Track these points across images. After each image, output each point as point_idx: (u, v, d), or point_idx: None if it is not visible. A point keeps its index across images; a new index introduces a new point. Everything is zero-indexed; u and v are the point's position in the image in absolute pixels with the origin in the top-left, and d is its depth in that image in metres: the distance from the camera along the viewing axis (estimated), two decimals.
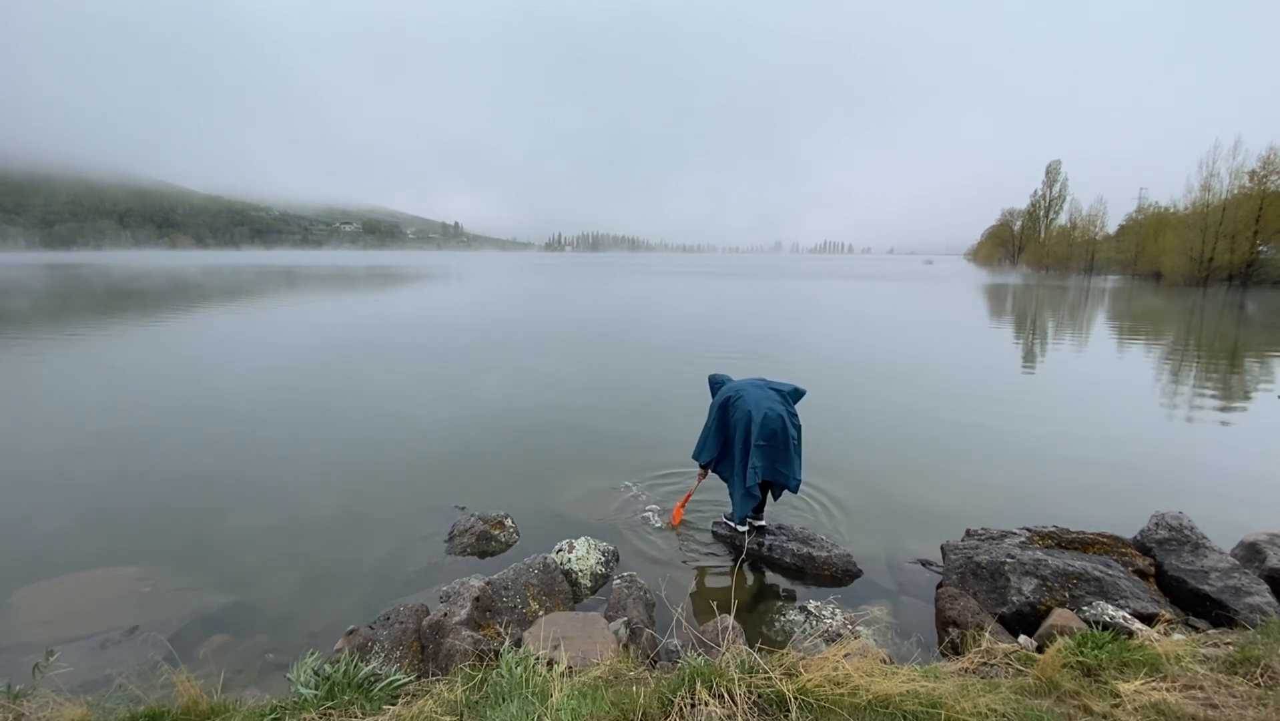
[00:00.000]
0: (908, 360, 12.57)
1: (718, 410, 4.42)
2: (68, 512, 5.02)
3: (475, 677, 2.31)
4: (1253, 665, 2.32)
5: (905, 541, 4.52)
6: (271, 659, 3.24)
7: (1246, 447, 6.83)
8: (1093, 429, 7.48)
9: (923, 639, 3.32)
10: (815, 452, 5.98)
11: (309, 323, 18.79)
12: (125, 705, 2.36)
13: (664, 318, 20.69)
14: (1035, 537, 3.85)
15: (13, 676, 2.47)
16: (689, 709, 2.01)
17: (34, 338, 14.52)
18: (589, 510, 5.04)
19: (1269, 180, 38.66)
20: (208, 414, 7.96)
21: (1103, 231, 61.02)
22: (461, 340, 14.90)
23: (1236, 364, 12.28)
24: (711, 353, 12.96)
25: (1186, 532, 3.77)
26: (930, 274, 65.19)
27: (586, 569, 3.93)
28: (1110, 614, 3.06)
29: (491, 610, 3.33)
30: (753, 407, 4.15)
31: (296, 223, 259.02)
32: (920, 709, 1.98)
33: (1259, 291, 36.01)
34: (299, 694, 2.29)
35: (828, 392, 8.88)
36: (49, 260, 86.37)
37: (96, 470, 6.00)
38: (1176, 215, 46.33)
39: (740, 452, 4.21)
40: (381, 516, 4.98)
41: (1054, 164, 67.25)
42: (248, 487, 5.60)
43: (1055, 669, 2.30)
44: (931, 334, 17.33)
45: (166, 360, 12.01)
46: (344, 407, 8.35)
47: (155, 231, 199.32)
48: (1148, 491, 5.41)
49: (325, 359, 12.12)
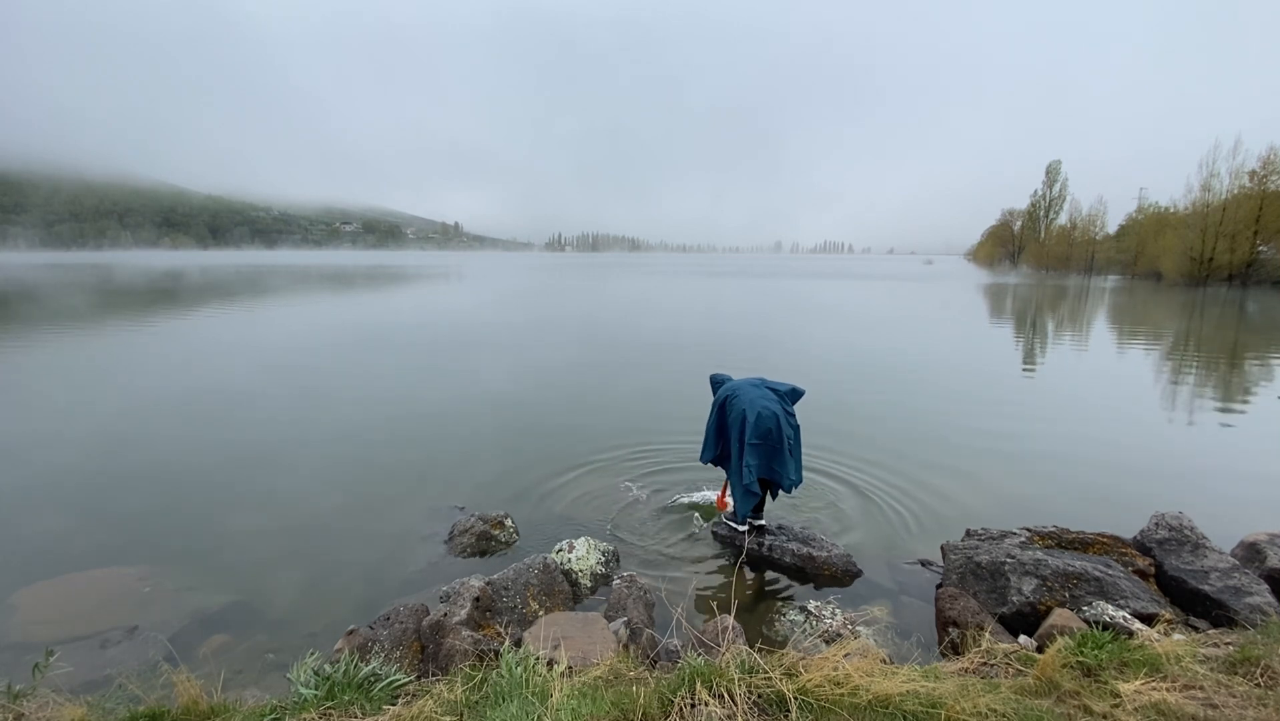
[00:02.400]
0: (908, 360, 12.58)
1: (716, 410, 4.47)
2: (68, 512, 5.02)
3: (475, 677, 2.31)
4: (1253, 665, 2.32)
5: (905, 541, 4.52)
6: (271, 659, 3.24)
7: (1246, 448, 6.83)
8: (1093, 429, 7.48)
9: (923, 639, 3.32)
10: (816, 452, 5.99)
11: (309, 322, 18.79)
12: (125, 705, 2.36)
13: (665, 318, 20.69)
14: (1035, 537, 3.85)
15: (13, 676, 2.47)
16: (689, 709, 2.01)
17: (32, 338, 14.52)
18: (589, 510, 5.04)
19: (1269, 180, 38.67)
20: (208, 414, 7.96)
21: (1103, 231, 61.04)
22: (462, 340, 14.90)
23: (1236, 364, 12.28)
24: (713, 352, 12.97)
25: (1186, 532, 3.77)
26: (930, 274, 65.20)
27: (586, 569, 3.92)
28: (1110, 614, 3.06)
29: (491, 610, 3.33)
30: (747, 407, 4.17)
31: (296, 223, 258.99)
32: (920, 709, 1.98)
33: (1259, 291, 36.00)
34: (299, 694, 2.29)
35: (828, 393, 8.88)
36: (50, 261, 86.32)
37: (97, 470, 6.00)
38: (1176, 215, 46.33)
39: (736, 452, 4.23)
40: (381, 516, 4.99)
41: (1054, 164, 67.24)
42: (248, 487, 5.60)
43: (1055, 669, 2.30)
44: (932, 334, 17.33)
45: (166, 360, 12.01)
46: (344, 407, 8.36)
47: (155, 231, 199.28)
48: (1148, 491, 5.41)
49: (325, 358, 12.12)
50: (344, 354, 12.76)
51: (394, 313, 22.04)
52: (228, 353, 12.91)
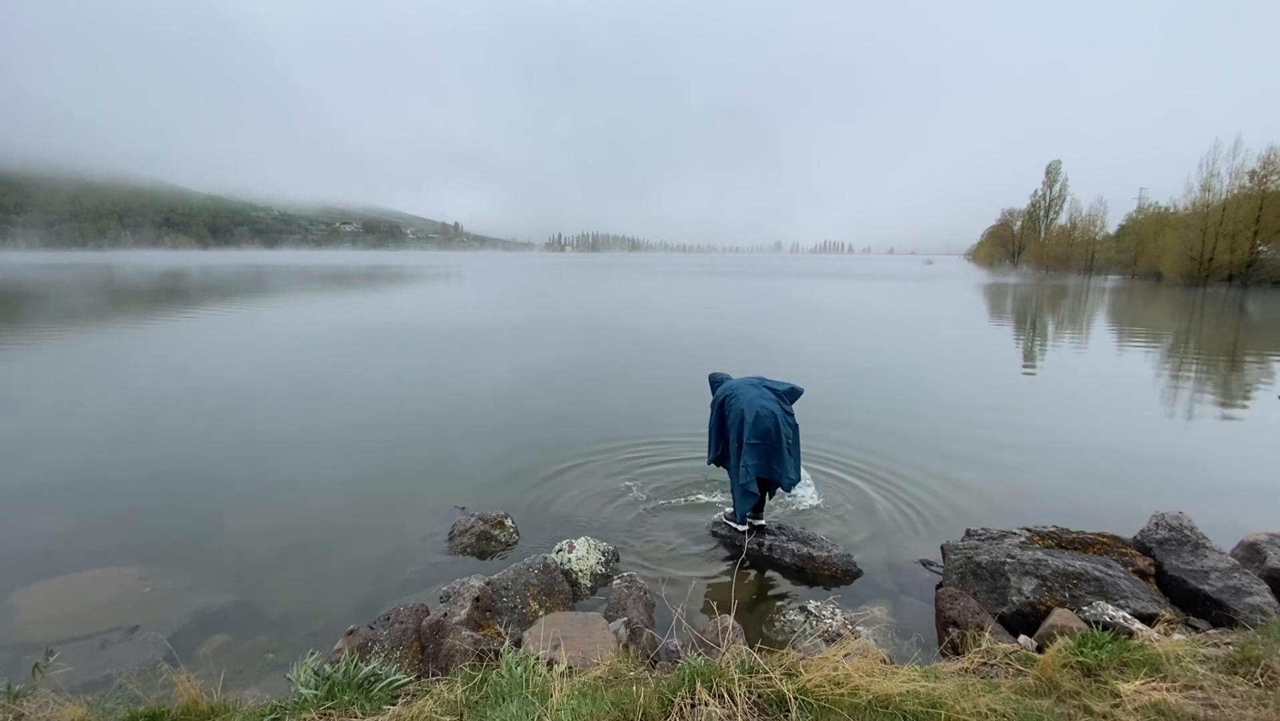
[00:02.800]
0: (907, 360, 12.57)
1: (715, 410, 4.50)
2: (68, 512, 5.02)
3: (475, 677, 2.31)
4: (1253, 665, 2.32)
5: (905, 541, 4.52)
6: (271, 659, 3.24)
7: (1247, 447, 6.83)
8: (1093, 428, 7.48)
9: (923, 639, 3.32)
10: (816, 452, 5.99)
11: (310, 322, 18.79)
12: (125, 705, 2.36)
13: (667, 318, 20.69)
14: (1035, 538, 3.85)
15: (13, 676, 2.47)
16: (689, 709, 2.01)
17: (32, 338, 14.52)
18: (589, 510, 5.04)
19: (1269, 180, 38.67)
20: (208, 413, 7.96)
21: (1103, 231, 61.03)
22: (463, 340, 14.90)
23: (1236, 364, 12.28)
24: (714, 352, 12.97)
25: (1186, 532, 3.77)
26: (930, 274, 65.20)
27: (586, 569, 3.92)
28: (1110, 614, 3.06)
29: (491, 610, 3.33)
30: (745, 406, 4.19)
31: (296, 223, 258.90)
32: (920, 709, 1.98)
33: (1259, 291, 36.00)
34: (299, 694, 2.29)
35: (828, 392, 8.88)
36: (50, 261, 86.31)
37: (97, 470, 6.00)
38: (1176, 215, 46.32)
39: (735, 451, 4.24)
40: (381, 516, 4.99)
41: (1054, 164, 67.22)
42: (248, 487, 5.60)
43: (1055, 669, 2.30)
44: (932, 334, 17.33)
45: (165, 360, 12.01)
46: (345, 407, 8.35)
47: (155, 231, 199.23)
48: (1148, 491, 5.41)
49: (326, 358, 12.12)
50: (344, 353, 12.76)
51: (394, 312, 22.04)
52: (228, 352, 12.90)
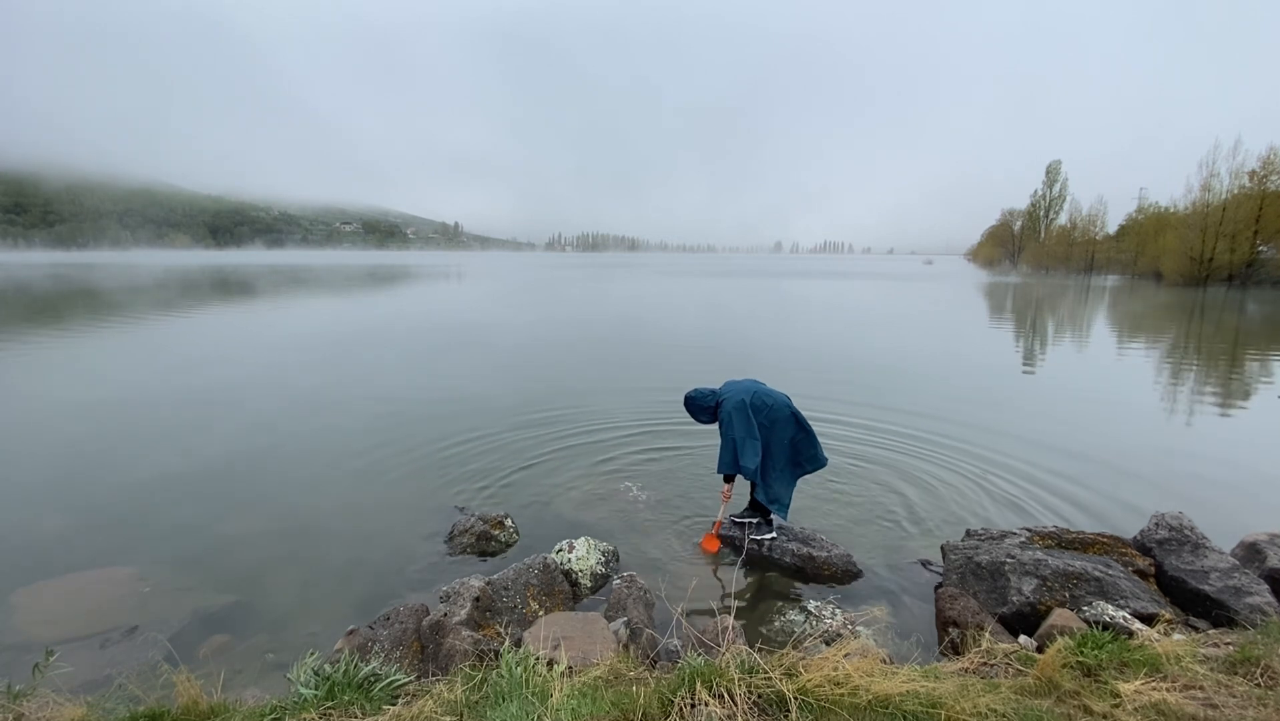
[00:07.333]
0: (907, 359, 12.57)
1: (745, 415, 4.15)
2: (68, 513, 5.01)
3: (475, 678, 2.31)
4: (1253, 665, 2.32)
5: (905, 541, 4.52)
6: (271, 659, 3.24)
7: (1246, 447, 6.83)
8: (1092, 428, 7.47)
9: (923, 639, 3.32)
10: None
11: (309, 322, 18.79)
12: (125, 705, 2.36)
13: (667, 318, 20.68)
14: (1035, 537, 3.85)
15: (13, 676, 2.47)
16: (689, 709, 2.01)
17: (31, 337, 14.52)
18: (589, 510, 5.04)
19: (1269, 180, 38.65)
20: (207, 414, 7.96)
21: (1103, 231, 60.99)
22: (463, 339, 14.90)
23: (1236, 364, 12.28)
24: (714, 352, 12.97)
25: (1186, 532, 3.77)
26: (931, 274, 65.21)
27: (586, 569, 3.92)
28: (1110, 614, 3.06)
29: (491, 610, 3.33)
30: (778, 402, 4.29)
31: (296, 223, 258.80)
32: (920, 709, 1.98)
33: (1259, 291, 35.99)
34: (299, 694, 2.29)
35: (828, 392, 8.88)
36: (51, 261, 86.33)
37: (96, 470, 5.99)
38: (1176, 215, 46.29)
39: (788, 447, 4.31)
40: (381, 516, 4.98)
41: (1054, 164, 67.23)
42: (248, 487, 5.60)
43: (1055, 669, 2.30)
44: (931, 333, 17.33)
45: (165, 360, 12.01)
46: (344, 407, 8.35)
47: (155, 231, 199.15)
48: (1148, 491, 5.41)
49: (326, 357, 12.12)
50: (345, 353, 12.76)
51: (395, 312, 22.03)
52: (228, 352, 12.90)
